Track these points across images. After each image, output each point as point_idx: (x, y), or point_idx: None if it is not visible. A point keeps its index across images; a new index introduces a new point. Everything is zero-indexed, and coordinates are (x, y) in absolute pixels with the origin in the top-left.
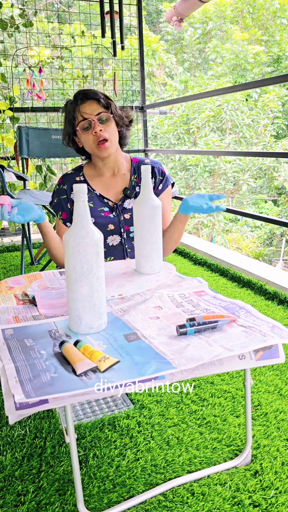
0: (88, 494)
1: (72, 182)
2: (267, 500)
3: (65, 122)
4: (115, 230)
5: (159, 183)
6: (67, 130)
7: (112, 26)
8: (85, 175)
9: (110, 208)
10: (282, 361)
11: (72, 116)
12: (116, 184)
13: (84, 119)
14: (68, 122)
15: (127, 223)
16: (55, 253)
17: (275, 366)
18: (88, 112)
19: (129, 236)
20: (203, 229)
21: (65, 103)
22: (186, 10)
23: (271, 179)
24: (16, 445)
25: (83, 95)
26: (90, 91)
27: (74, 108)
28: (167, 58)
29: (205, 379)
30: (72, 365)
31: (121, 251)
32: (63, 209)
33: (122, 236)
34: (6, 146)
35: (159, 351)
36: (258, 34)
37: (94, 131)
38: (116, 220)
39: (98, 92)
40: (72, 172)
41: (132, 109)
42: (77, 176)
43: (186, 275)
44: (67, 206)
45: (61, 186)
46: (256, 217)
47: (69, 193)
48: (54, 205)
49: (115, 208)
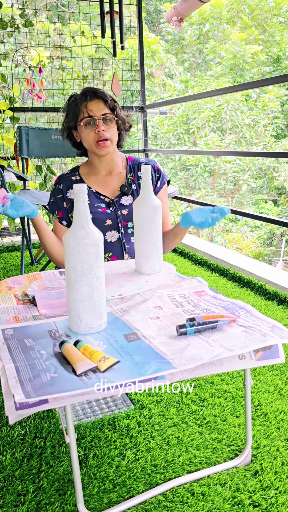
0: (88, 494)
1: (68, 182)
2: (267, 500)
3: (68, 114)
4: (113, 225)
5: (156, 181)
6: (70, 123)
7: (112, 26)
8: (81, 174)
9: (107, 204)
10: (282, 361)
11: (77, 109)
12: (112, 182)
13: (89, 116)
14: (72, 115)
15: (125, 218)
16: (49, 249)
17: (275, 366)
18: (94, 110)
19: (127, 232)
20: (203, 229)
21: (70, 96)
22: (186, 10)
23: (271, 179)
24: (16, 445)
25: (93, 93)
26: (99, 90)
27: (81, 102)
28: (167, 59)
29: (205, 379)
30: (72, 365)
31: (120, 247)
32: (59, 208)
33: (120, 231)
34: (6, 146)
35: (159, 351)
36: (256, 33)
37: (97, 129)
38: (114, 216)
39: (106, 93)
40: (69, 172)
41: (132, 109)
42: (73, 176)
43: (186, 275)
44: (63, 204)
45: (57, 186)
46: (256, 217)
47: (65, 192)
48: (50, 204)
49: (111, 204)
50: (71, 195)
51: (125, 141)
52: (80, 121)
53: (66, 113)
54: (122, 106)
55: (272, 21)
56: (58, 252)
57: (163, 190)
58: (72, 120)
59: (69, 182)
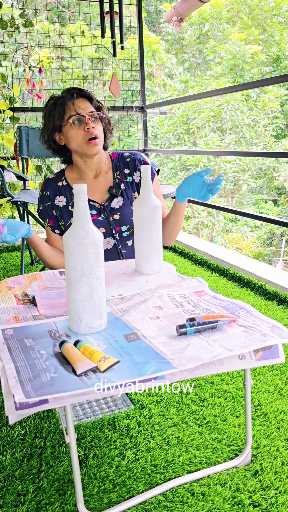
0: (88, 494)
1: (55, 188)
2: (267, 500)
3: (50, 116)
4: (107, 232)
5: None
6: (55, 122)
7: (112, 26)
8: (67, 179)
9: (98, 210)
10: (282, 361)
11: (63, 108)
12: (100, 185)
13: (77, 114)
14: (57, 115)
15: (118, 224)
16: (50, 262)
17: (275, 366)
18: (82, 108)
19: (122, 236)
20: (203, 229)
21: (50, 98)
22: (186, 10)
23: (271, 179)
24: (16, 445)
25: (79, 91)
26: (84, 89)
27: (68, 100)
28: (167, 59)
29: (205, 379)
30: (72, 365)
31: (116, 253)
32: (49, 216)
33: (115, 237)
34: (6, 146)
35: (159, 351)
36: (255, 33)
37: (87, 127)
38: (106, 223)
39: (91, 93)
40: (54, 176)
41: (132, 109)
42: (59, 181)
43: (186, 275)
44: (53, 212)
45: (44, 192)
46: (256, 217)
47: (53, 199)
48: (40, 212)
49: (102, 210)
50: (59, 202)
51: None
52: (67, 119)
53: (48, 115)
54: (122, 106)
55: (272, 21)
56: (57, 263)
57: (155, 181)
58: (58, 120)
59: (55, 189)
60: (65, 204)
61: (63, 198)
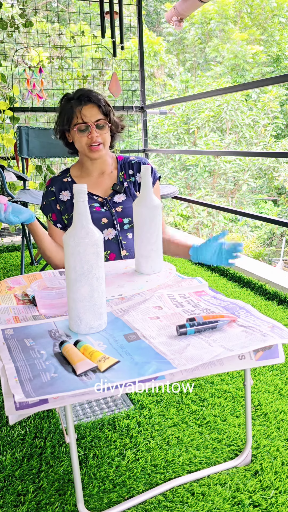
0: (88, 494)
1: (60, 184)
2: (267, 500)
3: (60, 116)
4: (109, 223)
5: None
6: (63, 126)
7: (112, 26)
8: (73, 176)
9: (100, 203)
10: (282, 361)
11: (71, 114)
12: (104, 182)
13: (83, 122)
14: (66, 119)
15: (120, 215)
16: (48, 254)
17: (275, 366)
18: (88, 116)
19: (123, 228)
20: (203, 229)
21: (64, 95)
22: (186, 10)
23: (271, 179)
24: (16, 445)
25: (87, 98)
26: (93, 94)
27: (75, 107)
28: (168, 59)
29: (205, 379)
30: (72, 365)
31: (117, 244)
32: (53, 210)
33: (116, 228)
34: (6, 146)
35: (159, 351)
36: (257, 34)
37: (90, 135)
38: (108, 214)
39: (100, 98)
40: (60, 174)
41: (132, 109)
42: (65, 178)
43: (186, 275)
44: (56, 207)
45: (49, 188)
46: (256, 217)
47: (58, 194)
48: (43, 207)
49: (105, 203)
50: (64, 197)
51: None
52: (73, 126)
53: (59, 114)
54: (122, 106)
55: (273, 21)
56: (55, 256)
57: (156, 187)
58: (66, 124)
59: (61, 184)
60: (69, 198)
61: (68, 193)
